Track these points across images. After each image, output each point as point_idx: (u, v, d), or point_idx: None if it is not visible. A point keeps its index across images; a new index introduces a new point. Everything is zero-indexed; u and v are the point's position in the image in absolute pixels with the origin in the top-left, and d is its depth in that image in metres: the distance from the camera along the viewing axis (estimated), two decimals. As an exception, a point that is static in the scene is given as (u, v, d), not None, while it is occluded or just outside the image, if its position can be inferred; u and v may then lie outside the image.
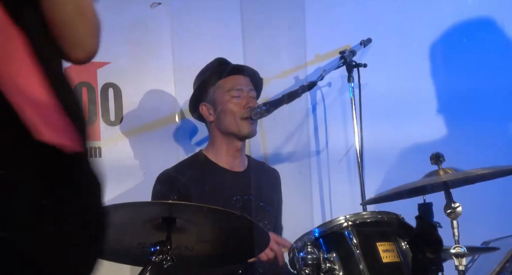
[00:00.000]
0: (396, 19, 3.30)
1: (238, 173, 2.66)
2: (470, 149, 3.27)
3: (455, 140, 3.27)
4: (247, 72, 2.68)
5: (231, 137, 2.63)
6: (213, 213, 1.94)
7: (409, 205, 2.13)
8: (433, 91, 3.35)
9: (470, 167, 2.09)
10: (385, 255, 1.96)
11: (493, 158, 3.18)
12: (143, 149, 2.86)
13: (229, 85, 2.64)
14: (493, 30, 3.46)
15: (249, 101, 2.64)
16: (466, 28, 3.43)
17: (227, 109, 2.61)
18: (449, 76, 3.38)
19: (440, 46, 3.42)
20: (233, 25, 3.05)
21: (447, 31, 3.41)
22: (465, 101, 3.38)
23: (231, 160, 2.65)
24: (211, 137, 2.70)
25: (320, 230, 2.01)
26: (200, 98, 2.66)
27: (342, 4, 3.27)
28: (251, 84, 2.70)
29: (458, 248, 1.98)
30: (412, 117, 3.29)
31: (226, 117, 2.62)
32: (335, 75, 3.08)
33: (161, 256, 1.82)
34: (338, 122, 3.18)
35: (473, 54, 3.42)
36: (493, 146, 3.31)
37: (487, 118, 3.38)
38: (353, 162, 3.06)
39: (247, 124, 2.61)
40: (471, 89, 3.39)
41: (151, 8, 2.93)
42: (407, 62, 3.32)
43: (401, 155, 3.23)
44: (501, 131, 3.38)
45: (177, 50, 2.95)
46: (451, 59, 3.42)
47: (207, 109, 2.65)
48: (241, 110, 2.61)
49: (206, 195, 2.52)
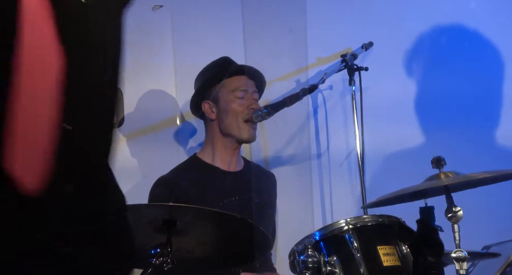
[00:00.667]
0: (397, 22, 3.31)
1: (235, 172, 2.67)
2: (471, 152, 3.26)
3: (457, 143, 3.27)
4: (252, 74, 2.69)
5: (230, 138, 2.63)
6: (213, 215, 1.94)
7: (410, 208, 2.12)
8: (434, 95, 3.35)
9: (472, 171, 2.09)
10: (386, 258, 1.96)
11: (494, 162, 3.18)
12: (144, 151, 2.86)
13: (234, 85, 2.65)
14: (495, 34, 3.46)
15: (252, 103, 2.65)
16: (468, 32, 3.43)
17: (230, 109, 2.62)
18: (451, 80, 3.38)
19: (441, 50, 3.42)
20: (235, 28, 3.05)
21: (449, 35, 3.41)
22: (467, 105, 3.38)
23: (228, 160, 2.65)
24: (208, 136, 2.70)
25: (321, 233, 2.01)
26: (203, 96, 2.67)
27: (344, 8, 3.27)
28: (255, 86, 2.70)
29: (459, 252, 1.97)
30: (413, 121, 3.29)
31: (228, 117, 2.62)
32: (336, 78, 3.08)
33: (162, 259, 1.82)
34: (339, 125, 3.17)
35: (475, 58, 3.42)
36: (495, 150, 3.31)
37: (488, 122, 3.37)
38: (354, 165, 3.06)
39: (248, 128, 2.62)
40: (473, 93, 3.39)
41: (152, 11, 2.94)
42: (409, 66, 3.32)
43: (402, 159, 3.23)
44: (503, 135, 3.37)
45: (179, 52, 2.95)
46: (453, 63, 3.42)
47: (209, 107, 2.65)
48: (244, 111, 2.62)
49: (205, 197, 2.52)
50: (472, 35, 3.43)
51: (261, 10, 3.12)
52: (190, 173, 2.60)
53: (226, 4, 3.09)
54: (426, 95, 3.34)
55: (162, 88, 2.90)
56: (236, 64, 2.72)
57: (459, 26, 3.42)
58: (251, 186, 2.63)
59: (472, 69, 3.41)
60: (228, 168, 2.65)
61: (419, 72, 3.34)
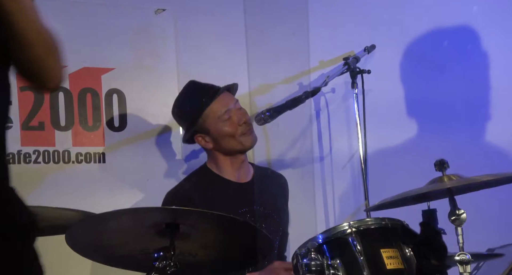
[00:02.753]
0: (400, 25, 3.31)
1: (245, 184, 2.65)
2: (474, 155, 3.26)
3: (460, 146, 3.27)
4: (223, 88, 2.63)
5: (234, 154, 2.63)
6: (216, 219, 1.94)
7: (413, 211, 2.12)
8: (436, 98, 3.35)
9: (475, 174, 2.09)
10: (389, 261, 1.96)
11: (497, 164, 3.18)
12: (147, 155, 2.86)
13: (216, 111, 2.58)
14: (496, 37, 3.46)
15: (241, 117, 2.60)
16: (470, 35, 3.43)
17: (224, 134, 2.58)
18: (453, 82, 3.38)
19: (444, 52, 3.42)
20: (237, 32, 3.05)
21: (451, 38, 3.41)
22: (470, 108, 3.38)
23: (237, 172, 2.65)
24: (212, 157, 2.67)
25: (324, 236, 2.01)
26: (193, 132, 2.62)
27: (346, 11, 3.27)
28: (233, 97, 2.66)
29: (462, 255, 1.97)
30: (416, 124, 3.29)
31: (225, 140, 2.59)
32: (339, 81, 3.08)
33: (165, 262, 1.82)
34: (342, 128, 3.17)
35: (477, 60, 3.42)
36: (498, 153, 3.31)
37: (492, 124, 3.37)
38: (357, 168, 3.06)
39: (248, 137, 2.61)
40: (475, 96, 3.39)
41: (155, 15, 2.94)
42: (411, 69, 3.32)
43: (405, 161, 3.22)
44: (506, 137, 3.37)
45: (181, 56, 2.95)
46: (455, 65, 3.42)
47: (202, 139, 2.62)
48: (237, 129, 2.59)
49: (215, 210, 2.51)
50: (474, 38, 3.43)
51: (264, 14, 3.13)
52: (201, 185, 2.59)
53: (228, 7, 3.09)
54: (428, 98, 3.34)
55: (165, 92, 2.90)
56: (201, 84, 2.64)
57: (462, 29, 3.42)
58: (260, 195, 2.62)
59: (475, 72, 3.41)
60: (238, 179, 2.65)
61: (421, 75, 3.34)
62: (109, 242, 1.93)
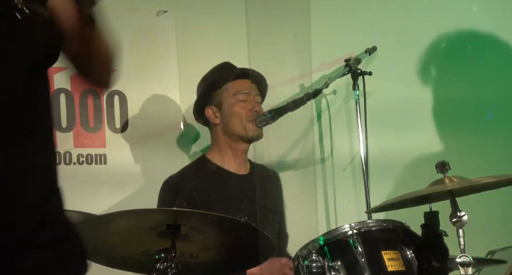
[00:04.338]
0: (401, 27, 3.31)
1: (244, 175, 2.67)
2: (476, 157, 3.26)
3: (461, 148, 3.26)
4: (254, 77, 2.70)
5: (236, 140, 2.65)
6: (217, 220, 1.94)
7: (414, 213, 2.12)
8: (438, 99, 3.35)
9: (476, 176, 2.08)
10: (390, 263, 1.96)
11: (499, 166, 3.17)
12: (148, 156, 2.86)
13: (236, 89, 2.66)
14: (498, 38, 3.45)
15: (255, 105, 2.66)
16: (471, 36, 3.43)
17: (233, 112, 2.63)
18: (455, 84, 3.38)
19: (445, 54, 3.41)
20: (239, 33, 3.05)
21: (452, 39, 3.41)
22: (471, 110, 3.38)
23: (237, 163, 2.66)
24: (215, 141, 2.71)
25: (325, 238, 2.01)
26: (206, 102, 2.68)
27: (348, 12, 3.27)
28: (257, 89, 2.71)
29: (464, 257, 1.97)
30: (417, 125, 3.28)
31: (232, 119, 2.63)
32: (340, 83, 3.08)
33: (166, 264, 1.82)
34: (343, 130, 3.17)
35: (479, 62, 3.41)
36: (499, 155, 3.30)
37: (493, 126, 3.37)
38: (358, 169, 3.06)
39: (253, 126, 2.63)
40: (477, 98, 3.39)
41: (156, 16, 2.94)
42: (412, 70, 3.32)
43: (406, 163, 3.22)
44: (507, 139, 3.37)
45: (182, 57, 2.95)
46: (457, 67, 3.41)
47: (213, 112, 2.67)
48: (247, 113, 2.64)
49: (214, 200, 2.52)
50: (475, 40, 3.43)
51: (265, 15, 3.13)
52: (199, 175, 2.61)
53: (230, 8, 3.09)
54: (429, 100, 3.33)
55: (166, 93, 2.91)
56: (236, 68, 2.73)
57: (462, 30, 3.41)
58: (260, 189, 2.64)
59: (476, 73, 3.41)
60: (237, 171, 2.66)
61: (422, 76, 3.34)
62: (110, 244, 1.93)
